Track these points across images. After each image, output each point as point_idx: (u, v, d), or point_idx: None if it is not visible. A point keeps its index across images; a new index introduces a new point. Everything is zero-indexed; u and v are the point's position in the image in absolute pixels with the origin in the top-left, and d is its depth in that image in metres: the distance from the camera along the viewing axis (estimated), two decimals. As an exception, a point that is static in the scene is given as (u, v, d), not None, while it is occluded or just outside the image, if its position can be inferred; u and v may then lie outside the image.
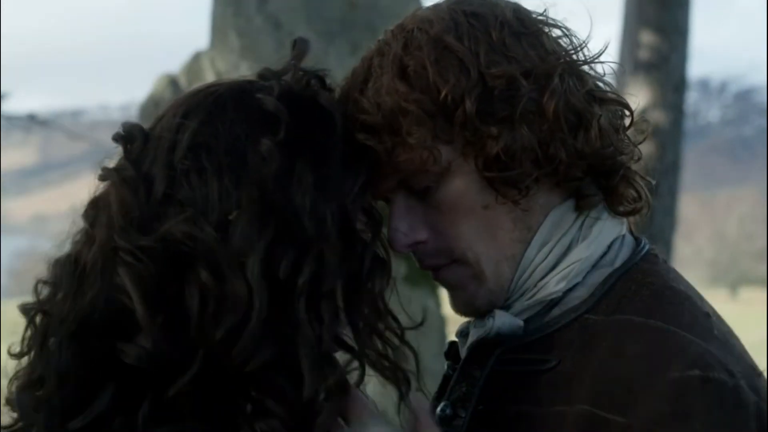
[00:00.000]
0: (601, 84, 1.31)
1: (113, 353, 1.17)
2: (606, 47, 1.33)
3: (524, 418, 1.26)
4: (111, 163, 1.27)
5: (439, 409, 1.35)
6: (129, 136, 1.27)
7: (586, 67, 1.30)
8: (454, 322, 1.44)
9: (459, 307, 1.35)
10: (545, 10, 1.31)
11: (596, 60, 1.31)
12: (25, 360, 1.26)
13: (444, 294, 1.42)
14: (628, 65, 6.22)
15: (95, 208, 1.25)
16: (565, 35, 1.31)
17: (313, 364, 1.18)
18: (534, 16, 1.30)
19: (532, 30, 1.28)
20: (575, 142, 1.25)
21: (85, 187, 1.31)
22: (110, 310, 1.19)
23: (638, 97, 1.42)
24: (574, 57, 1.29)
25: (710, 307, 1.25)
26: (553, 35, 1.30)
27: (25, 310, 1.26)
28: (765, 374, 1.23)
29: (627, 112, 1.31)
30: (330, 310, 1.19)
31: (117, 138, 1.27)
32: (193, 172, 1.21)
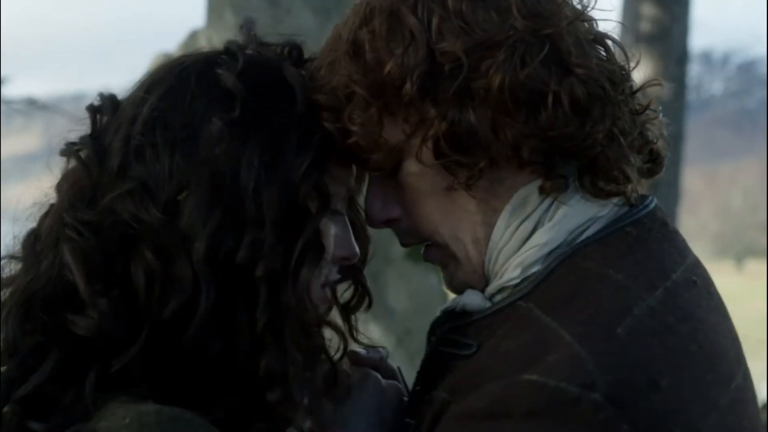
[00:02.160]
0: (581, 50, 1.17)
1: (61, 325, 1.17)
2: (589, 4, 1.21)
3: (429, 405, 1.22)
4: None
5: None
6: (99, 108, 1.26)
7: (569, 28, 1.17)
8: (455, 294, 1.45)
9: (446, 285, 1.33)
10: None
11: (572, 21, 1.18)
12: None
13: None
14: (629, 37, 6.19)
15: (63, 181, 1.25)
16: None
17: (249, 347, 1.18)
18: None
19: None
20: (527, 124, 1.15)
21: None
22: (61, 282, 1.19)
23: (640, 70, 1.30)
24: (545, 21, 1.16)
25: (661, 298, 1.14)
26: None
27: None
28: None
29: (604, 83, 1.17)
30: (264, 294, 1.18)
31: (89, 109, 1.26)
32: (147, 146, 1.19)
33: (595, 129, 1.17)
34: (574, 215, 1.21)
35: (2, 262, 1.27)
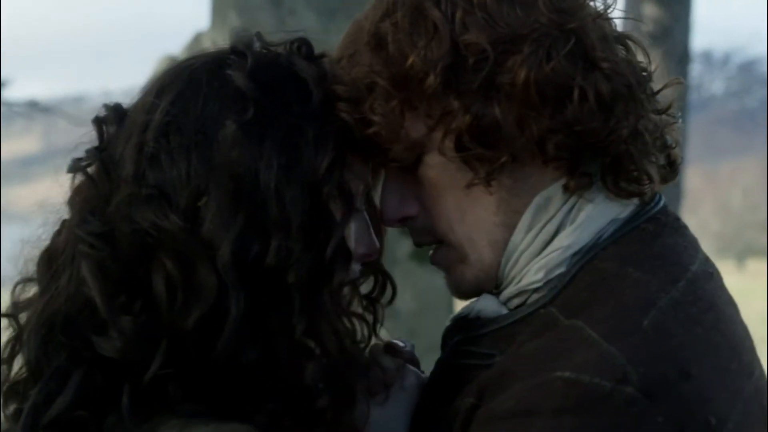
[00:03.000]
0: (606, 46, 1.18)
1: (85, 345, 1.14)
2: (609, 6, 1.21)
3: (452, 415, 1.20)
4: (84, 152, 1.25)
5: None
6: (105, 119, 1.24)
7: (594, 25, 1.18)
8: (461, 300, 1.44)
9: (451, 290, 1.31)
10: None
11: (600, 17, 1.19)
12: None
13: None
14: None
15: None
16: None
17: (288, 354, 1.16)
18: None
19: None
20: (552, 119, 1.15)
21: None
22: (80, 299, 1.16)
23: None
24: (571, 16, 1.17)
25: (684, 289, 1.14)
26: None
27: (8, 315, 1.23)
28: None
29: (629, 79, 1.18)
30: (299, 299, 1.16)
31: (94, 121, 1.24)
32: (162, 153, 1.17)
33: (620, 125, 1.17)
34: (597, 216, 1.20)
35: (17, 286, 1.25)
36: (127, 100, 1.30)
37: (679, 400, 1.07)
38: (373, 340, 1.37)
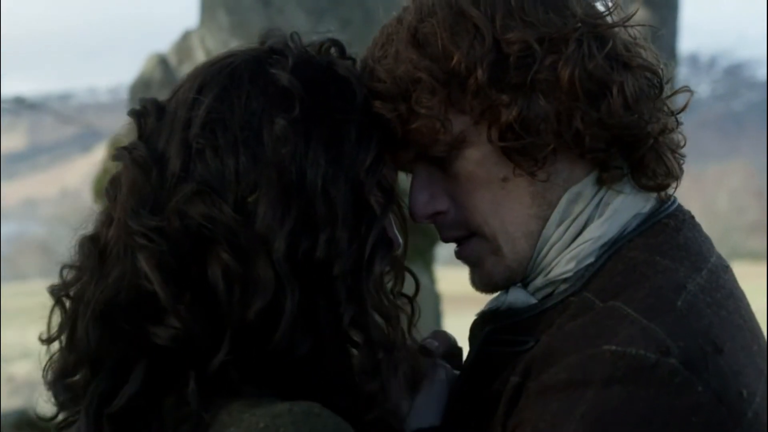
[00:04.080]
0: (632, 49, 1.26)
1: (143, 335, 1.16)
2: (636, 10, 1.29)
3: (493, 397, 1.24)
4: (124, 142, 1.26)
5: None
6: (143, 112, 1.25)
7: (618, 30, 1.27)
8: (447, 299, 1.44)
9: (478, 284, 1.34)
10: None
11: (625, 24, 1.27)
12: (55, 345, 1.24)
13: (438, 271, 1.41)
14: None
15: (115, 186, 1.24)
16: None
17: (336, 343, 1.19)
18: None
19: None
20: (594, 112, 1.22)
21: (74, 171, 1.28)
22: (135, 291, 1.18)
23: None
24: (601, 21, 1.25)
25: (707, 277, 1.22)
26: None
27: (52, 292, 1.24)
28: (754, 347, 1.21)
29: (657, 79, 1.27)
30: (344, 290, 1.18)
31: (131, 113, 1.25)
32: (208, 149, 1.18)
33: (653, 120, 1.25)
34: (624, 210, 1.27)
35: (64, 269, 1.25)
36: (112, 98, 1.29)
37: (716, 371, 1.13)
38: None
